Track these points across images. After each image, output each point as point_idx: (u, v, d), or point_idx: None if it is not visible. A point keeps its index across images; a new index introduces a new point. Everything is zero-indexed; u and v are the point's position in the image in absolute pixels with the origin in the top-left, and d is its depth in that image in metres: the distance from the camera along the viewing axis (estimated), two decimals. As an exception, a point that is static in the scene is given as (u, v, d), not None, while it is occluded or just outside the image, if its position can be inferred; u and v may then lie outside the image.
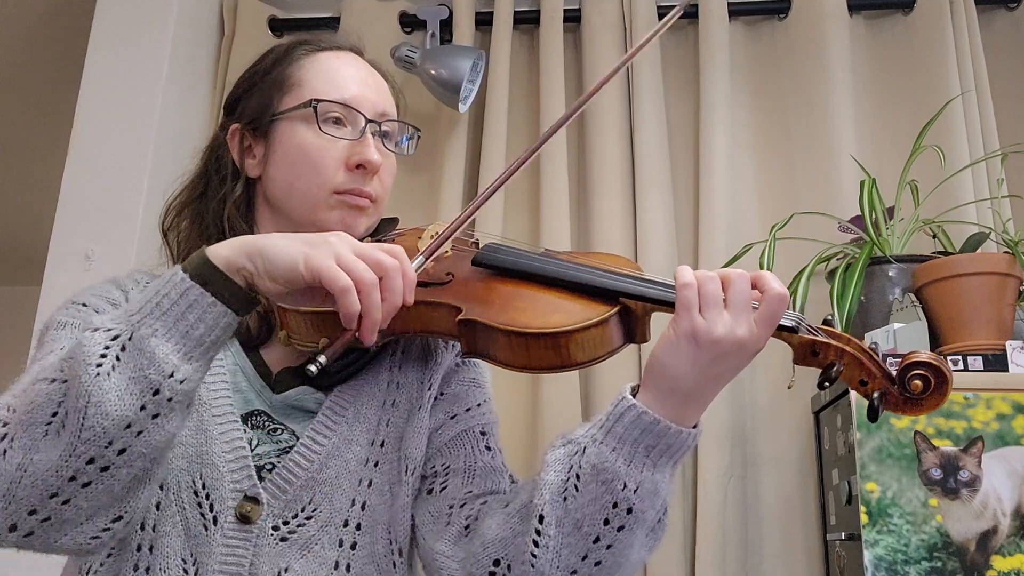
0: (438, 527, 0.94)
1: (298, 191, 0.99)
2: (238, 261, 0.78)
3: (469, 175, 2.16)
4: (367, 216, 1.02)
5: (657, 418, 0.80)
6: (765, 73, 2.20)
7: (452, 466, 0.98)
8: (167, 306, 0.76)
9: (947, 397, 0.79)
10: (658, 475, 0.81)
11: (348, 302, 0.75)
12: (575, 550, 0.82)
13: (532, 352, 0.84)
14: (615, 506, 0.80)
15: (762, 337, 0.79)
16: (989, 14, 2.20)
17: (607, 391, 1.94)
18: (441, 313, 0.90)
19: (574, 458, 0.83)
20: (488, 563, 0.87)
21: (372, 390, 0.98)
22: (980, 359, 1.49)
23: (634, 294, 0.85)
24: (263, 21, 2.32)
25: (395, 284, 0.78)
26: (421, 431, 0.98)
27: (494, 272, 0.94)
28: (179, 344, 0.76)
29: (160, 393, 0.75)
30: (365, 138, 1.00)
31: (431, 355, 1.03)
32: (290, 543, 0.90)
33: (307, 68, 1.03)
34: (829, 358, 0.80)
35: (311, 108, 0.99)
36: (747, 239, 1.92)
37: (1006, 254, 1.60)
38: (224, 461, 0.90)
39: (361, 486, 0.94)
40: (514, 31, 2.24)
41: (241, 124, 1.05)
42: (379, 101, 1.04)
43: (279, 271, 0.77)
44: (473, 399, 1.03)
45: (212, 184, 1.06)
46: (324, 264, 0.76)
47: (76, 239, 1.94)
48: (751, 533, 1.89)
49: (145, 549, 0.87)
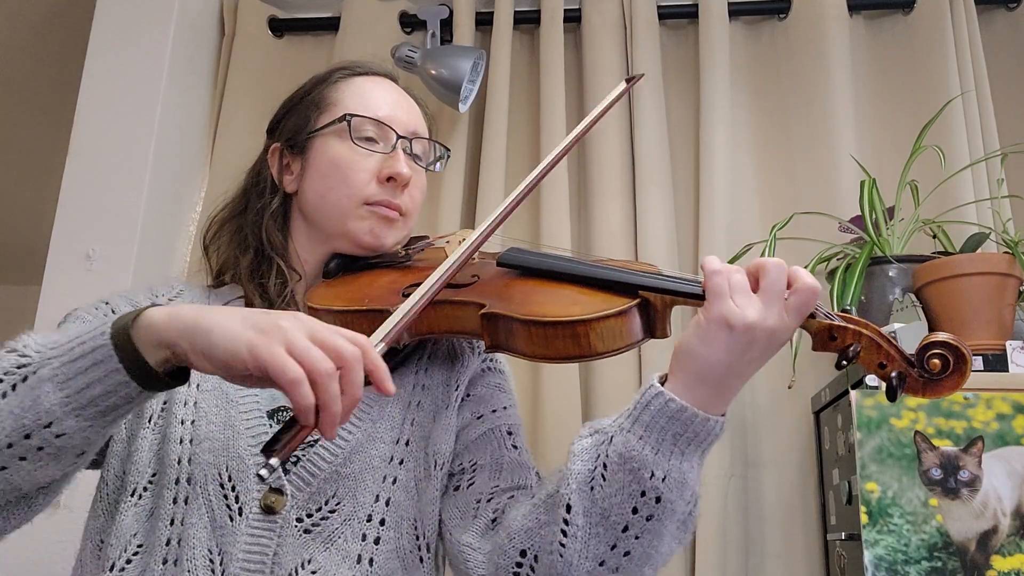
0: (465, 521, 0.96)
1: (330, 202, 1.04)
2: (169, 336, 0.73)
3: (469, 175, 2.16)
4: (396, 229, 1.06)
5: (684, 405, 0.80)
6: (765, 73, 2.20)
7: (479, 462, 1.00)
8: (77, 355, 0.75)
9: (966, 378, 0.78)
10: (686, 464, 0.81)
11: (299, 394, 0.68)
12: (604, 539, 0.83)
13: (551, 341, 0.85)
14: (643, 495, 0.81)
15: (792, 327, 0.80)
16: (989, 14, 2.20)
17: (607, 390, 1.94)
18: (467, 312, 0.92)
19: (601, 447, 0.84)
20: (515, 554, 0.88)
21: (398, 391, 0.99)
22: (980, 359, 1.49)
23: (654, 287, 0.86)
24: (263, 21, 2.32)
25: (356, 376, 0.71)
26: (449, 429, 1.00)
27: (519, 272, 0.97)
28: (71, 397, 0.74)
29: (30, 439, 0.74)
30: (396, 152, 1.05)
31: (457, 358, 1.06)
32: (313, 535, 0.91)
33: (343, 90, 1.09)
34: (847, 341, 0.81)
35: (345, 122, 1.04)
36: (747, 239, 1.92)
37: (1006, 254, 1.60)
38: (250, 454, 0.92)
39: (386, 483, 0.95)
40: (514, 31, 2.24)
41: (280, 143, 1.10)
42: (410, 121, 1.09)
43: (219, 355, 0.71)
44: (499, 402, 1.06)
45: (252, 200, 1.11)
46: (271, 352, 0.69)
47: (76, 239, 1.94)
48: (751, 533, 1.89)
49: (174, 543, 0.89)
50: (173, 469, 0.91)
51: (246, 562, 0.88)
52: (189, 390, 0.95)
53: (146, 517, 0.91)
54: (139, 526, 0.91)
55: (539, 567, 0.86)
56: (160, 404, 0.96)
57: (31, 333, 0.82)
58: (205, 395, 0.95)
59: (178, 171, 2.10)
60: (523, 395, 1.97)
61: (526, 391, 1.98)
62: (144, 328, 0.74)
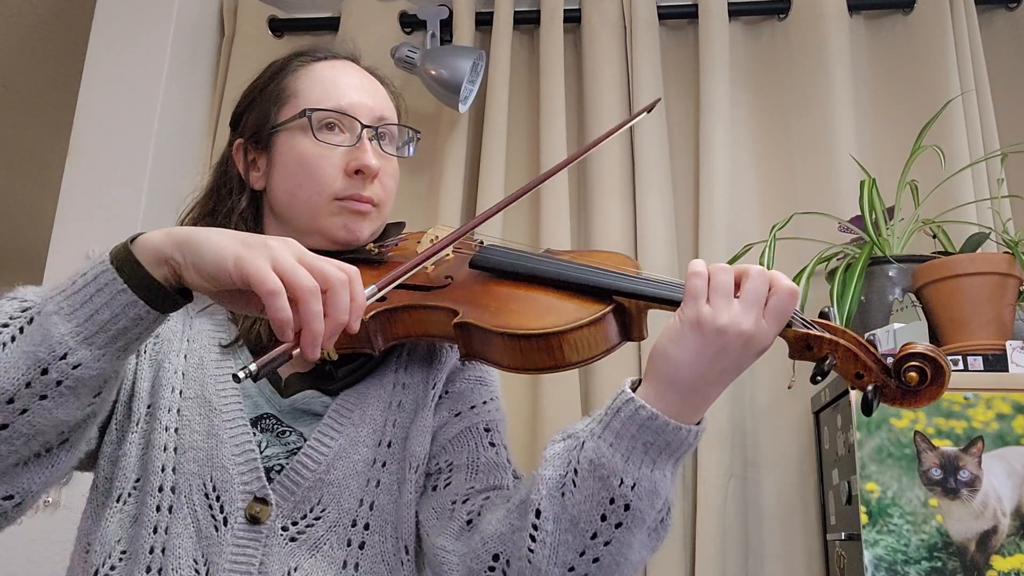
0: (441, 522, 0.95)
1: (300, 200, 1.00)
2: (166, 251, 0.74)
3: (469, 175, 2.16)
4: (370, 221, 1.02)
5: (655, 413, 0.79)
6: (765, 73, 2.20)
7: (455, 462, 0.98)
8: (80, 285, 0.74)
9: (944, 388, 0.77)
10: (657, 473, 0.81)
11: (274, 306, 0.68)
12: (572, 546, 0.82)
13: (526, 354, 0.85)
14: (612, 502, 0.80)
15: (770, 333, 0.79)
16: (989, 14, 2.20)
17: (607, 388, 1.93)
18: (439, 317, 0.91)
19: (572, 453, 0.83)
20: (487, 558, 0.87)
21: (378, 392, 0.98)
22: (980, 359, 1.49)
23: (628, 291, 0.85)
24: (263, 21, 2.32)
25: (340, 299, 0.70)
26: (425, 429, 0.98)
27: (492, 274, 0.95)
28: (80, 326, 0.73)
29: (48, 373, 0.73)
30: (362, 143, 1.00)
31: (436, 355, 1.04)
32: (299, 543, 0.90)
33: (302, 79, 1.04)
34: (823, 351, 0.80)
35: (306, 118, 1.00)
36: (747, 239, 1.92)
37: (1006, 254, 1.60)
38: (234, 464, 0.91)
39: (369, 486, 0.95)
40: (514, 31, 2.24)
41: (244, 138, 1.06)
42: (376, 106, 1.04)
43: (207, 267, 0.72)
44: (478, 396, 1.03)
45: (221, 198, 1.07)
46: (254, 265, 0.69)
47: (76, 239, 1.94)
48: (751, 533, 1.89)
49: (158, 551, 0.88)
50: (156, 476, 0.90)
51: (232, 572, 0.87)
52: (172, 396, 0.94)
53: (130, 523, 0.91)
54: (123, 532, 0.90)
55: (511, 572, 0.86)
56: (145, 408, 0.95)
57: (27, 286, 0.82)
58: (188, 403, 0.94)
59: (178, 171, 2.10)
60: (522, 397, 1.97)
61: (526, 393, 1.98)
62: (143, 247, 0.75)
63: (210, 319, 1.01)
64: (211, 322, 1.01)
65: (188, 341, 0.98)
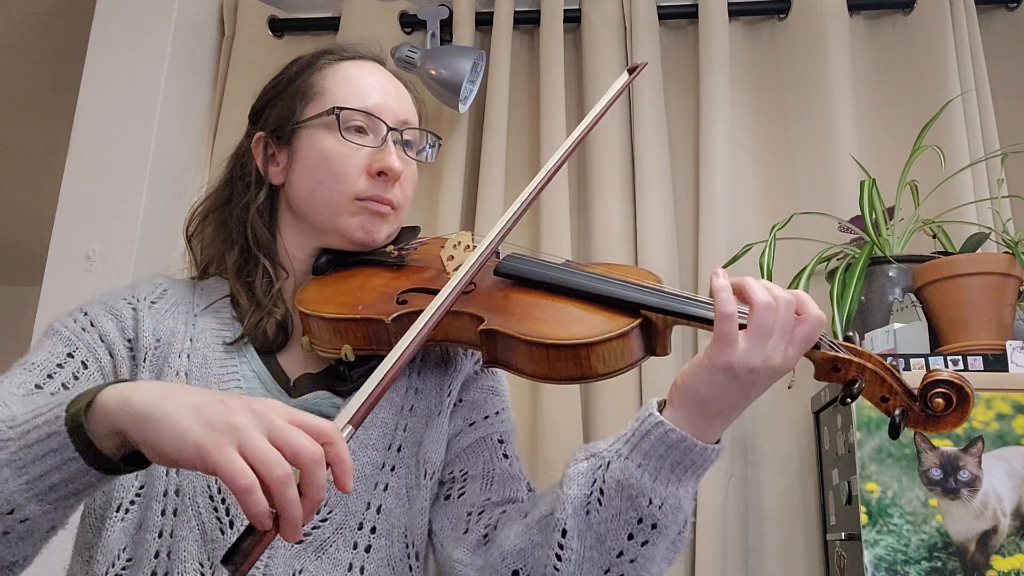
0: (456, 534, 0.95)
1: (320, 197, 1.00)
2: (118, 423, 0.68)
3: (469, 175, 2.16)
4: (388, 223, 1.03)
5: (684, 435, 0.80)
6: (765, 73, 2.20)
7: (470, 472, 0.98)
8: (33, 440, 0.69)
9: (968, 415, 0.78)
10: (682, 490, 0.82)
11: (250, 502, 0.62)
12: (597, 564, 0.83)
13: (553, 363, 0.84)
14: (640, 521, 0.81)
15: (795, 358, 0.80)
16: (989, 14, 2.20)
17: (607, 402, 1.94)
18: (464, 322, 0.90)
19: (597, 472, 0.84)
20: (508, 573, 0.88)
21: (390, 395, 0.98)
22: (980, 359, 1.49)
23: (656, 307, 0.85)
24: (263, 21, 2.32)
25: (316, 479, 0.64)
26: (440, 436, 0.98)
27: (516, 282, 0.94)
28: (31, 483, 0.69)
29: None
30: (387, 146, 1.01)
31: (451, 362, 1.04)
32: (305, 545, 0.90)
33: (329, 77, 1.04)
34: (851, 374, 0.81)
35: (333, 116, 1.00)
36: (747, 239, 1.92)
37: (1006, 254, 1.60)
38: None
39: (377, 490, 0.94)
40: (514, 31, 2.24)
41: (265, 132, 1.06)
42: (400, 109, 1.05)
43: (163, 449, 0.65)
44: (491, 407, 1.03)
45: (236, 191, 1.07)
46: (221, 458, 0.63)
47: (76, 239, 1.94)
48: (751, 533, 1.89)
49: (163, 555, 0.88)
50: (161, 481, 0.90)
51: None
52: None
53: (134, 530, 0.90)
54: (127, 539, 0.90)
55: None
56: None
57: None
58: None
59: (178, 171, 2.10)
60: (522, 407, 1.96)
61: (526, 403, 1.97)
62: (98, 414, 0.69)
63: (215, 316, 1.00)
64: (215, 319, 1.00)
65: (191, 340, 0.97)
